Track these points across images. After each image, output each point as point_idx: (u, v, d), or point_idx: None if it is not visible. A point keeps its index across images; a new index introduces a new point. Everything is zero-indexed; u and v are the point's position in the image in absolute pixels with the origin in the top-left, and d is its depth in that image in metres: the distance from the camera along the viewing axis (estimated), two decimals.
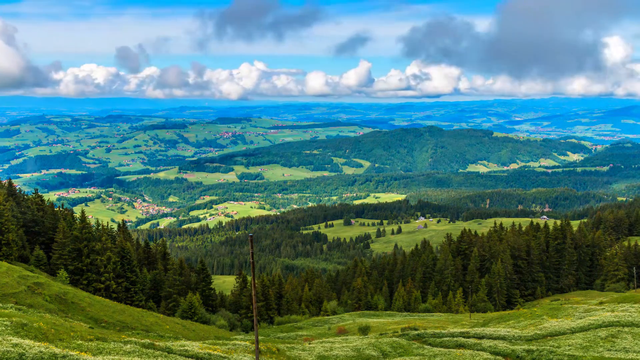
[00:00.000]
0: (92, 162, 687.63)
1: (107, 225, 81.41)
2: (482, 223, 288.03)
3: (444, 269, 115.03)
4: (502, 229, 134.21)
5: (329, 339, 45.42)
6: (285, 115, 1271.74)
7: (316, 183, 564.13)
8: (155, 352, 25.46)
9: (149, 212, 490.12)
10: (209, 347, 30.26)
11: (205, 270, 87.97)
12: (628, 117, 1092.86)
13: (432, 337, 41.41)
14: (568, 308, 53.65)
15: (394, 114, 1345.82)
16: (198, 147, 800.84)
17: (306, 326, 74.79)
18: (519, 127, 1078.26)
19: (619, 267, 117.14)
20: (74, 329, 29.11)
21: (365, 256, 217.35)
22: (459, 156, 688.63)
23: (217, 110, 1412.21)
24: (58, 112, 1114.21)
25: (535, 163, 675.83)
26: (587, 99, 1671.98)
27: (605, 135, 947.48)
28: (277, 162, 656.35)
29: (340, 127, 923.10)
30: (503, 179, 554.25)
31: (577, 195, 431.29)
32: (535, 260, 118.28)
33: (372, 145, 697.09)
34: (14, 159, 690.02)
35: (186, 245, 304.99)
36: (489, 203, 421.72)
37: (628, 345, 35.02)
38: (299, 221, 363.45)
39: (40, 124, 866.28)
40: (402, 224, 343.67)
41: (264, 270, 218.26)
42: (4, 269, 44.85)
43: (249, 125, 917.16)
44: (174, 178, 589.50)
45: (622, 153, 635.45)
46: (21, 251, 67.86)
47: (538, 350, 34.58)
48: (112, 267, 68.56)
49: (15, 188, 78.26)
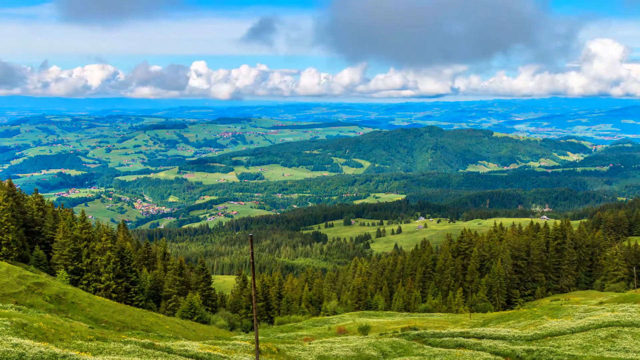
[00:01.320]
0: (92, 162, 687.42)
1: (107, 225, 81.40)
2: (482, 223, 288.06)
3: (444, 269, 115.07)
4: (502, 229, 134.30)
5: (329, 339, 45.41)
6: (285, 115, 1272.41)
7: (316, 183, 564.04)
8: (155, 352, 25.46)
9: (149, 212, 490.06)
10: (209, 347, 30.26)
11: (205, 270, 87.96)
12: (628, 117, 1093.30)
13: (432, 337, 41.42)
14: (568, 308, 53.67)
15: (394, 114, 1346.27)
16: (198, 147, 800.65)
17: (306, 326, 74.78)
18: (518, 127, 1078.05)
19: (619, 267, 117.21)
20: (74, 329, 29.12)
21: (365, 256, 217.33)
22: (459, 156, 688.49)
23: (217, 110, 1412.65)
24: (58, 112, 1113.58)
25: (535, 163, 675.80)
26: (587, 99, 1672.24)
27: (605, 135, 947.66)
28: (277, 162, 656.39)
29: (340, 127, 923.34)
30: (503, 179, 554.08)
31: (577, 195, 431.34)
32: (535, 260, 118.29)
33: (372, 145, 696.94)
34: (14, 159, 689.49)
35: (186, 245, 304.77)
36: (489, 203, 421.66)
37: (628, 345, 35.03)
38: (299, 221, 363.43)
39: (40, 124, 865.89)
40: (402, 224, 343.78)
41: (264, 270, 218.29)
42: (4, 269, 44.86)
43: (249, 125, 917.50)
44: (174, 178, 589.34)
45: (622, 153, 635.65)
46: (21, 251, 67.86)
47: (538, 350, 34.59)
48: (112, 267, 68.53)
49: (15, 188, 78.17)
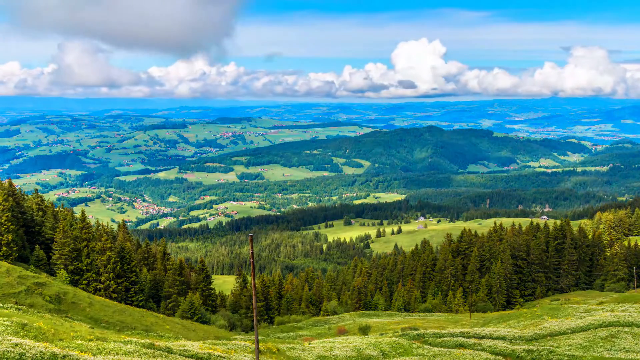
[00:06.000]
0: (92, 162, 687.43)
1: (107, 225, 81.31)
2: (482, 223, 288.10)
3: (444, 269, 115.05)
4: (502, 229, 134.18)
5: (329, 339, 45.42)
6: (285, 115, 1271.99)
7: (316, 183, 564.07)
8: (155, 352, 25.45)
9: (149, 212, 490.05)
10: (209, 347, 30.26)
11: (205, 270, 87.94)
12: (628, 117, 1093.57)
13: (432, 337, 41.42)
14: (568, 308, 53.68)
15: (394, 114, 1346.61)
16: (198, 147, 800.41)
17: (306, 326, 74.81)
18: (519, 127, 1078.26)
19: (619, 267, 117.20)
20: (74, 329, 29.12)
21: (365, 256, 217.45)
22: (459, 156, 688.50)
23: (217, 110, 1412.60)
24: (58, 112, 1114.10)
25: (535, 163, 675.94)
26: (587, 99, 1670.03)
27: (605, 135, 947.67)
28: (277, 162, 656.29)
29: (340, 127, 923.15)
30: (503, 179, 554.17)
31: (577, 195, 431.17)
32: (535, 260, 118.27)
33: (372, 145, 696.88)
34: (14, 159, 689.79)
35: (186, 245, 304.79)
36: (489, 203, 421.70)
37: (628, 345, 35.04)
38: (299, 221, 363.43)
39: (40, 124, 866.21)
40: (402, 224, 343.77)
41: (264, 270, 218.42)
42: (4, 269, 44.85)
43: (249, 125, 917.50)
44: (174, 178, 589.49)
45: (622, 153, 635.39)
46: (21, 251, 67.83)
47: (538, 350, 34.60)
48: (112, 267, 68.51)
49: (15, 188, 78.12)
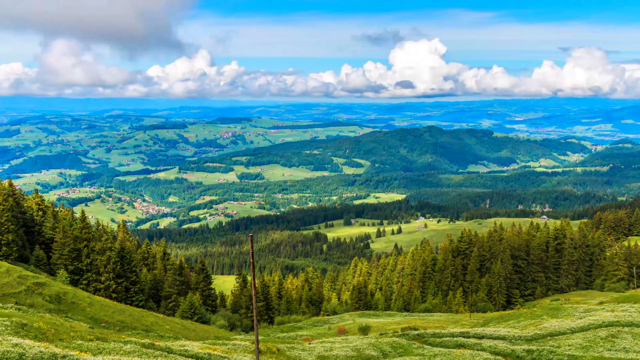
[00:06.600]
0: (92, 162, 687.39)
1: (107, 225, 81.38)
2: (482, 223, 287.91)
3: (444, 269, 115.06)
4: (502, 229, 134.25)
5: (329, 339, 45.39)
6: (285, 116, 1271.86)
7: (316, 183, 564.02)
8: (155, 352, 25.44)
9: (149, 212, 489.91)
10: (209, 347, 30.25)
11: (205, 270, 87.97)
12: (628, 117, 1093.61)
13: (432, 337, 41.41)
14: (568, 308, 53.65)
15: (394, 114, 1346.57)
16: (198, 147, 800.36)
17: (306, 326, 74.79)
18: (518, 127, 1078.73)
19: (619, 267, 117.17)
20: (74, 329, 29.13)
21: (365, 256, 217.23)
22: (458, 156, 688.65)
23: (217, 110, 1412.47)
24: (58, 112, 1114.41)
25: (535, 163, 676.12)
26: (587, 99, 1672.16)
27: (605, 135, 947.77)
28: (277, 162, 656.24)
29: (340, 127, 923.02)
30: (503, 179, 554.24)
31: (577, 195, 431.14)
32: (535, 260, 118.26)
33: (372, 145, 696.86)
34: (14, 159, 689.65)
35: (186, 245, 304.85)
36: (489, 203, 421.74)
37: (628, 345, 35.03)
38: (299, 221, 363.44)
39: (40, 124, 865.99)
40: (402, 224, 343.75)
41: (264, 270, 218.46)
42: (4, 269, 44.85)
43: (249, 125, 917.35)
44: (174, 178, 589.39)
45: (622, 153, 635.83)
46: (21, 251, 67.83)
47: (538, 350, 34.59)
48: (112, 267, 68.54)
49: (15, 188, 78.13)
